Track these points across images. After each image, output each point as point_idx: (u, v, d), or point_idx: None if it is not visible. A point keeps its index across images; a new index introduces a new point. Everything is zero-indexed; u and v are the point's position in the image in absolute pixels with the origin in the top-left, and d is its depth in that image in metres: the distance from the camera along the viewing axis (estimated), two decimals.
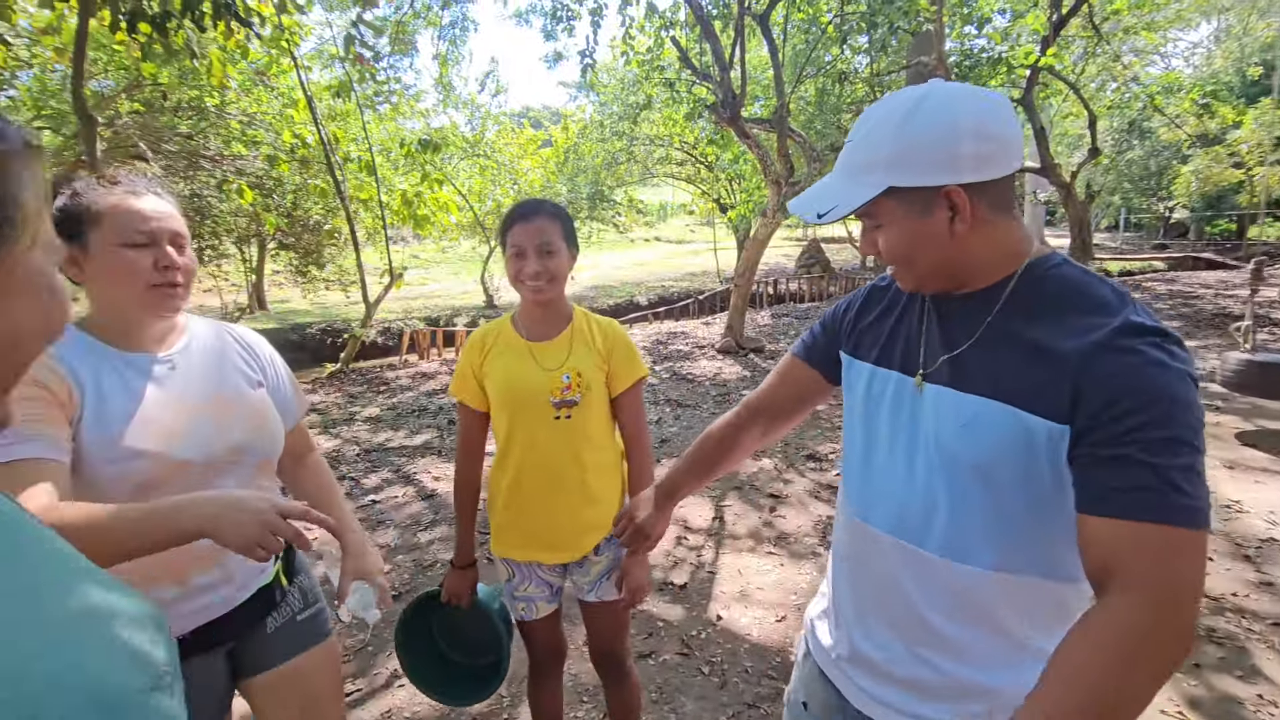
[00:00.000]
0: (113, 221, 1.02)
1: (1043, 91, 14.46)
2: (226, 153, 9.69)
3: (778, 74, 6.86)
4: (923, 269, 0.85)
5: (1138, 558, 0.68)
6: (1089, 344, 0.73)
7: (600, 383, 1.53)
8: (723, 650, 2.42)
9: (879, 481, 0.91)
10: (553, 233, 1.44)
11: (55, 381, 0.96)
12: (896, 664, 0.89)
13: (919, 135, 0.77)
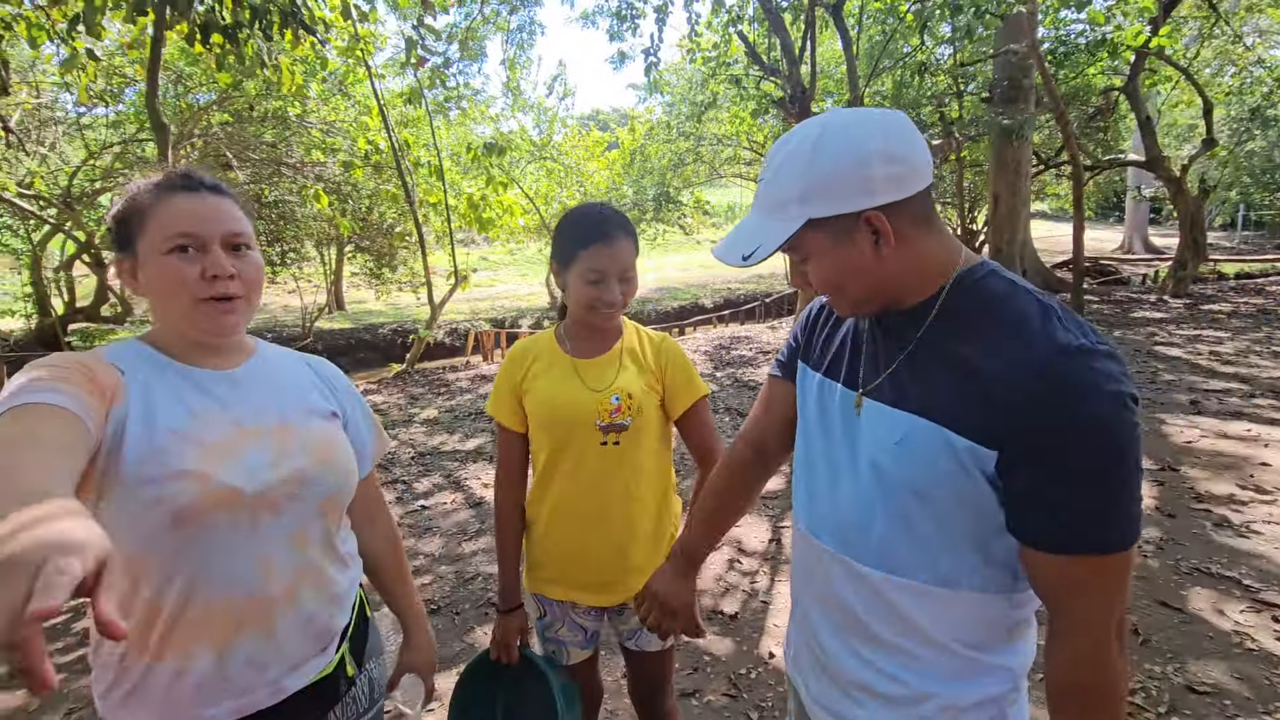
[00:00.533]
0: (157, 223, 0.87)
1: (1149, 78, 13.33)
2: (307, 160, 10.12)
3: (851, 67, 6.51)
4: (855, 295, 0.84)
5: (1078, 590, 0.73)
6: (1016, 367, 0.72)
7: (653, 405, 1.35)
8: (774, 694, 2.20)
9: (823, 495, 0.91)
10: (632, 254, 1.30)
11: (101, 367, 0.84)
12: (846, 672, 0.90)
13: (828, 165, 0.76)
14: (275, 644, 0.92)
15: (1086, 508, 0.70)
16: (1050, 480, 0.70)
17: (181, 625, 0.86)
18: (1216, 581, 2.66)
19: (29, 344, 10.50)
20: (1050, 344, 0.71)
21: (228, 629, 0.88)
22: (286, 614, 0.92)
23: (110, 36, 6.38)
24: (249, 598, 0.89)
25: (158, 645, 0.86)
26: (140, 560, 0.85)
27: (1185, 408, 4.96)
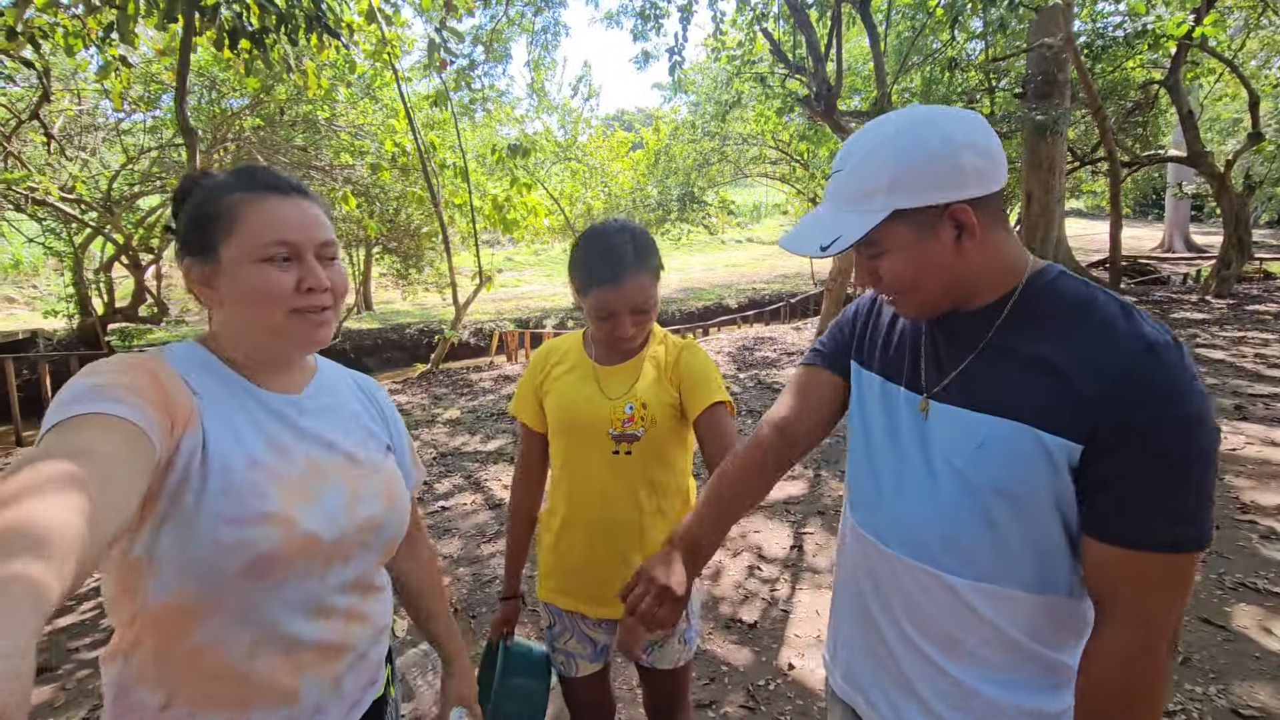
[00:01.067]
0: (248, 229, 0.80)
1: (1191, 72, 12.89)
2: (336, 163, 10.28)
3: (878, 63, 6.39)
4: (928, 293, 0.82)
5: (1134, 586, 0.72)
6: (1105, 365, 0.71)
7: (669, 417, 1.29)
8: (793, 707, 2.14)
9: (892, 501, 0.88)
10: (646, 287, 1.23)
11: (173, 383, 0.75)
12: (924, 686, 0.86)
13: (918, 154, 0.75)
14: (338, 688, 0.88)
15: (1165, 504, 0.70)
16: (1132, 474, 0.70)
17: (247, 678, 0.80)
18: (1263, 598, 2.53)
19: (71, 343, 10.84)
20: (1139, 342, 0.71)
21: (293, 679, 0.83)
22: (347, 658, 0.89)
23: (145, 44, 6.54)
24: (315, 645, 0.84)
25: (210, 696, 0.79)
26: (201, 605, 0.77)
27: (1230, 413, 4.76)
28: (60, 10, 4.24)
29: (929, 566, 0.83)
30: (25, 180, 8.39)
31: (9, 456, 6.28)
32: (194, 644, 0.77)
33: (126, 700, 0.78)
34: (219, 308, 0.84)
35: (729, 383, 6.86)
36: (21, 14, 3.91)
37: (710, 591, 2.86)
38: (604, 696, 1.49)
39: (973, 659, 0.82)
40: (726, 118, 11.25)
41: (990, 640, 0.81)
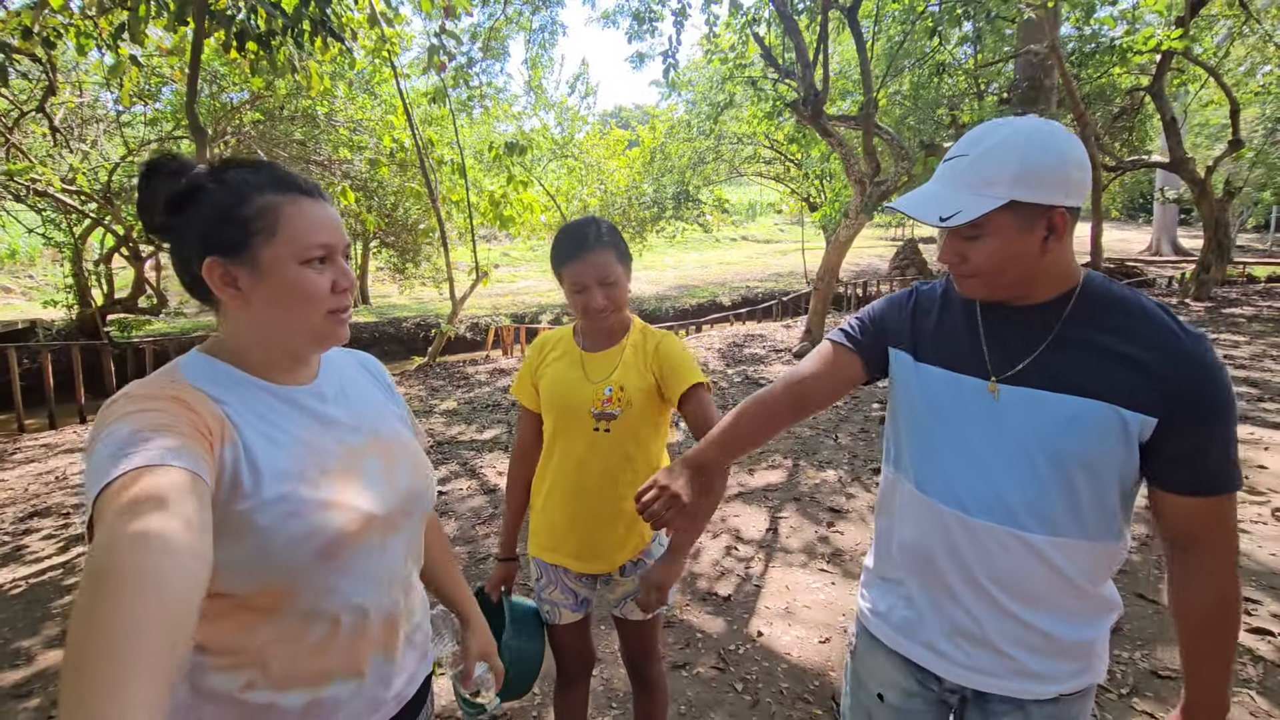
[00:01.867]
0: (292, 231, 0.81)
1: (1177, 78, 13.13)
2: (335, 157, 10.42)
3: (865, 69, 6.58)
4: (1007, 280, 0.94)
5: (1217, 525, 0.91)
6: (1175, 352, 0.88)
7: (643, 399, 1.48)
8: (759, 668, 2.35)
9: (968, 477, 0.99)
10: (610, 262, 1.43)
11: (207, 411, 0.76)
12: (1000, 631, 0.99)
13: (1043, 158, 0.87)
14: (397, 658, 0.93)
15: (1225, 458, 0.88)
16: (1204, 438, 0.88)
17: (324, 655, 0.84)
18: None
19: (70, 333, 10.95)
20: (1190, 335, 0.89)
21: (367, 650, 0.88)
22: (405, 628, 0.94)
23: (150, 42, 6.67)
24: (384, 617, 0.90)
25: (291, 675, 0.83)
26: (279, 593, 0.80)
27: None
28: (73, 12, 4.40)
29: (1012, 529, 0.95)
30: (28, 172, 8.51)
31: (15, 444, 6.43)
32: (278, 629, 0.81)
33: (204, 682, 0.80)
34: (242, 309, 0.83)
35: (718, 378, 7.06)
36: (38, 15, 4.06)
37: (690, 568, 3.07)
38: (584, 643, 1.68)
39: (1045, 603, 0.97)
40: (719, 118, 11.42)
41: (1060, 586, 0.95)
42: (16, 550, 3.56)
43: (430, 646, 1.05)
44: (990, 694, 1.01)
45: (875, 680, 1.13)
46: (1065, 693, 0.99)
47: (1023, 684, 0.99)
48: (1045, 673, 0.98)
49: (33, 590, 3.11)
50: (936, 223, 0.90)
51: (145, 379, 0.79)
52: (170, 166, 0.82)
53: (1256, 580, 2.70)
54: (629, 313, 1.57)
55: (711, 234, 22.83)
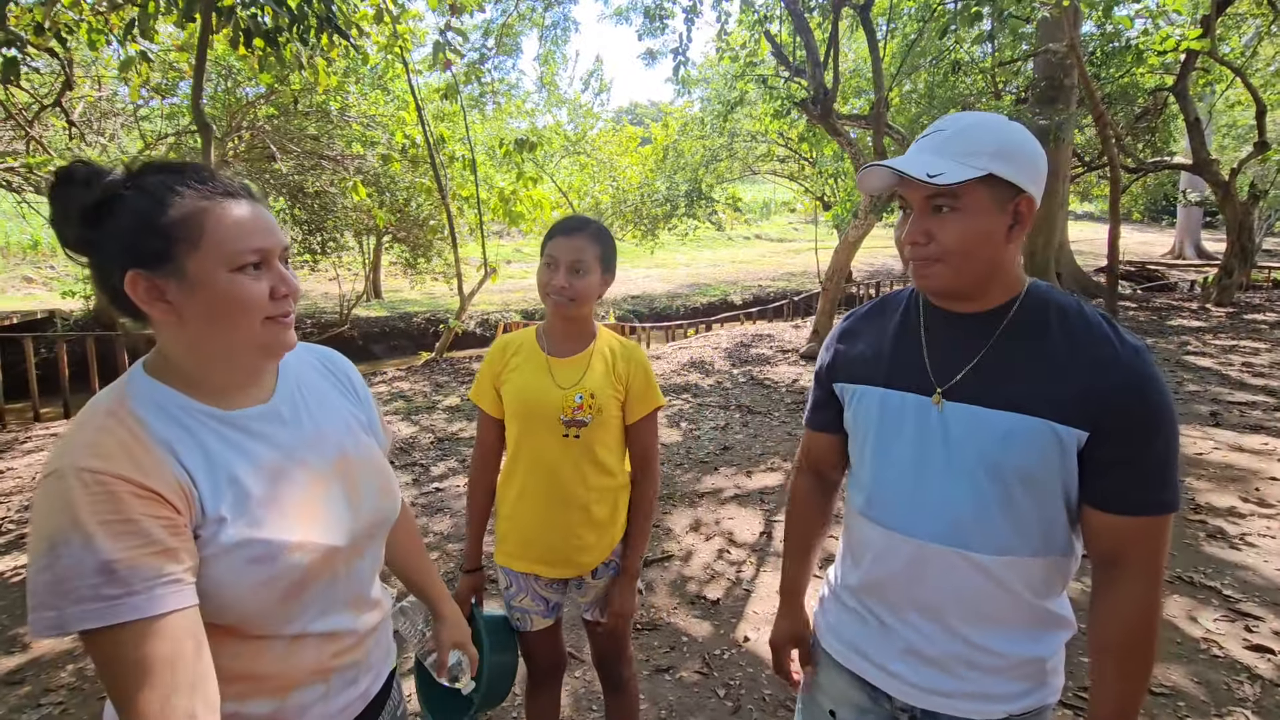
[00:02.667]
0: (218, 236, 0.76)
1: (1203, 78, 12.87)
2: (347, 153, 10.49)
3: (876, 67, 6.51)
4: (972, 268, 0.91)
5: (1142, 546, 0.89)
6: (1107, 365, 0.87)
7: (614, 408, 1.51)
8: (744, 674, 2.33)
9: (914, 496, 0.97)
10: (589, 253, 1.44)
11: (163, 479, 0.73)
12: (949, 651, 0.97)
13: (1019, 140, 0.89)
14: (368, 664, 0.96)
15: (1158, 477, 0.86)
16: (1132, 455, 0.86)
17: (286, 670, 0.85)
18: (1196, 590, 2.69)
19: (87, 324, 11.13)
20: (1127, 347, 0.87)
21: (333, 659, 0.89)
22: (370, 639, 0.96)
23: (163, 38, 6.75)
24: (346, 633, 0.91)
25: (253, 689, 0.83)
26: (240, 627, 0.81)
27: (1204, 419, 4.89)
28: (85, 7, 4.45)
29: (956, 548, 0.93)
30: (47, 164, 8.64)
31: (27, 432, 6.54)
32: (237, 653, 0.81)
33: None
34: (175, 325, 0.77)
35: (722, 378, 7.03)
36: (49, 11, 4.11)
37: (680, 571, 3.05)
38: (555, 647, 1.67)
39: (993, 622, 0.95)
40: (730, 116, 11.36)
41: (1009, 604, 0.94)
42: (20, 539, 3.62)
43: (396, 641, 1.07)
44: (940, 714, 0.99)
45: (828, 697, 1.12)
46: (1015, 713, 0.96)
47: (973, 704, 0.97)
48: (995, 693, 0.96)
49: None
50: (924, 178, 0.87)
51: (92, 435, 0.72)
52: (82, 174, 0.75)
53: (1260, 596, 2.63)
54: (596, 322, 1.57)
55: (724, 232, 22.72)
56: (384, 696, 1.01)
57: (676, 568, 3.08)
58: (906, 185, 0.92)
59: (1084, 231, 26.52)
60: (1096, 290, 12.09)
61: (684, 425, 5.42)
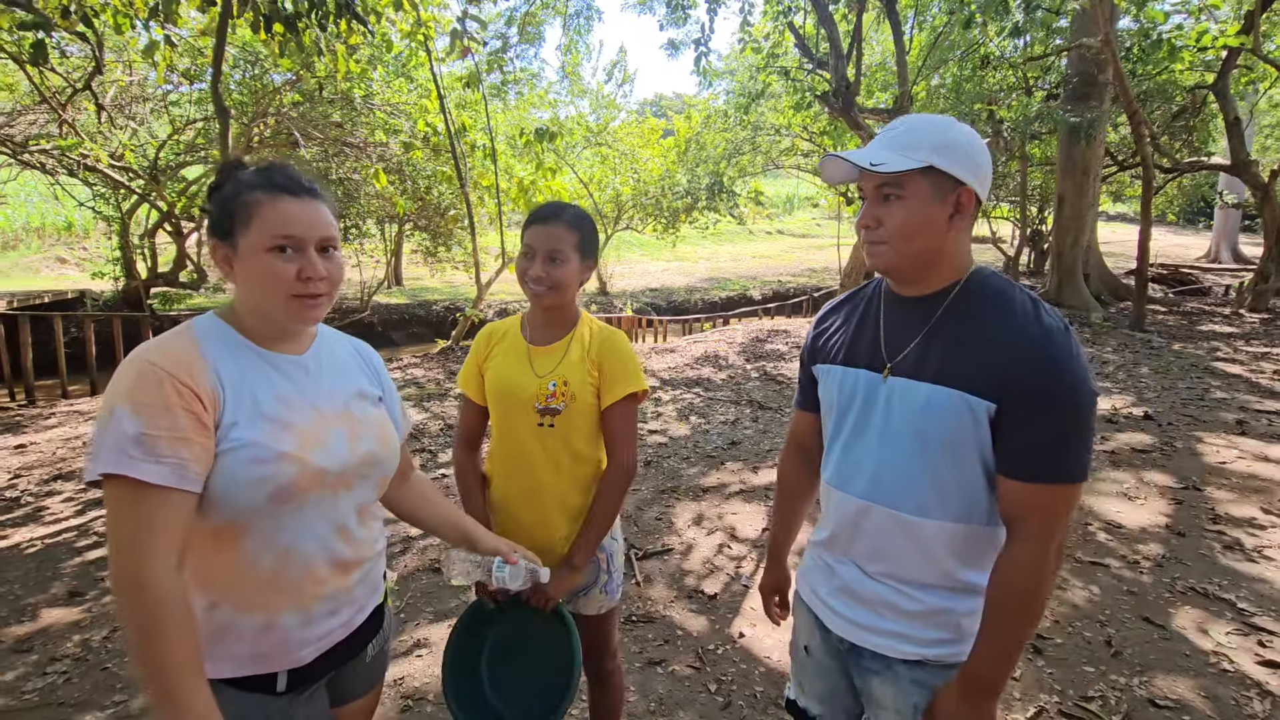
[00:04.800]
0: (261, 223, 0.96)
1: (1245, 75, 12.44)
2: (370, 140, 10.56)
3: (901, 61, 6.39)
4: (913, 250, 1.01)
5: (1037, 512, 0.96)
6: (1016, 342, 0.95)
7: (588, 395, 1.47)
8: (736, 670, 2.31)
9: (860, 461, 1.09)
10: (565, 241, 1.42)
11: (203, 383, 0.93)
12: (873, 592, 1.09)
13: (960, 138, 0.99)
14: (350, 596, 1.09)
15: (1057, 448, 0.94)
16: (1033, 425, 0.94)
17: (275, 585, 0.99)
18: (1209, 602, 2.61)
19: (116, 304, 11.38)
20: (1039, 327, 0.95)
21: (316, 587, 1.03)
22: (355, 572, 1.09)
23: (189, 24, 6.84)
24: (331, 560, 1.04)
25: (248, 601, 0.98)
26: (238, 527, 0.96)
27: (1230, 427, 4.75)
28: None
29: (885, 505, 1.05)
30: (78, 147, 8.83)
31: (52, 409, 6.71)
32: (235, 559, 0.97)
33: None
34: (235, 282, 1.00)
35: (735, 373, 6.99)
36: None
37: (679, 565, 3.03)
38: None
39: (911, 575, 1.06)
40: (751, 109, 11.23)
41: (927, 563, 1.04)
42: (37, 511, 3.71)
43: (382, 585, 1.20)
44: (862, 648, 1.11)
45: (801, 634, 1.27)
46: (930, 659, 1.06)
47: (890, 641, 1.08)
48: (908, 633, 1.06)
49: (46, 550, 3.24)
50: (868, 166, 0.98)
51: (166, 335, 0.96)
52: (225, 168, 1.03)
53: (1276, 611, 2.54)
54: (579, 308, 1.54)
55: (746, 226, 22.54)
56: (368, 630, 1.16)
57: (676, 561, 3.07)
58: (864, 176, 1.02)
59: (1117, 232, 25.87)
60: (1125, 292, 11.79)
61: (693, 419, 5.40)
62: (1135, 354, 7.40)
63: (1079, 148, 10.42)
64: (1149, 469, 4.00)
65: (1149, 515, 3.39)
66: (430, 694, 2.21)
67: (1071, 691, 2.14)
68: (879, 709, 1.11)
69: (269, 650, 1.01)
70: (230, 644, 0.98)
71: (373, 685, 1.23)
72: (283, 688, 1.03)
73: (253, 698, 1.00)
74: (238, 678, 0.99)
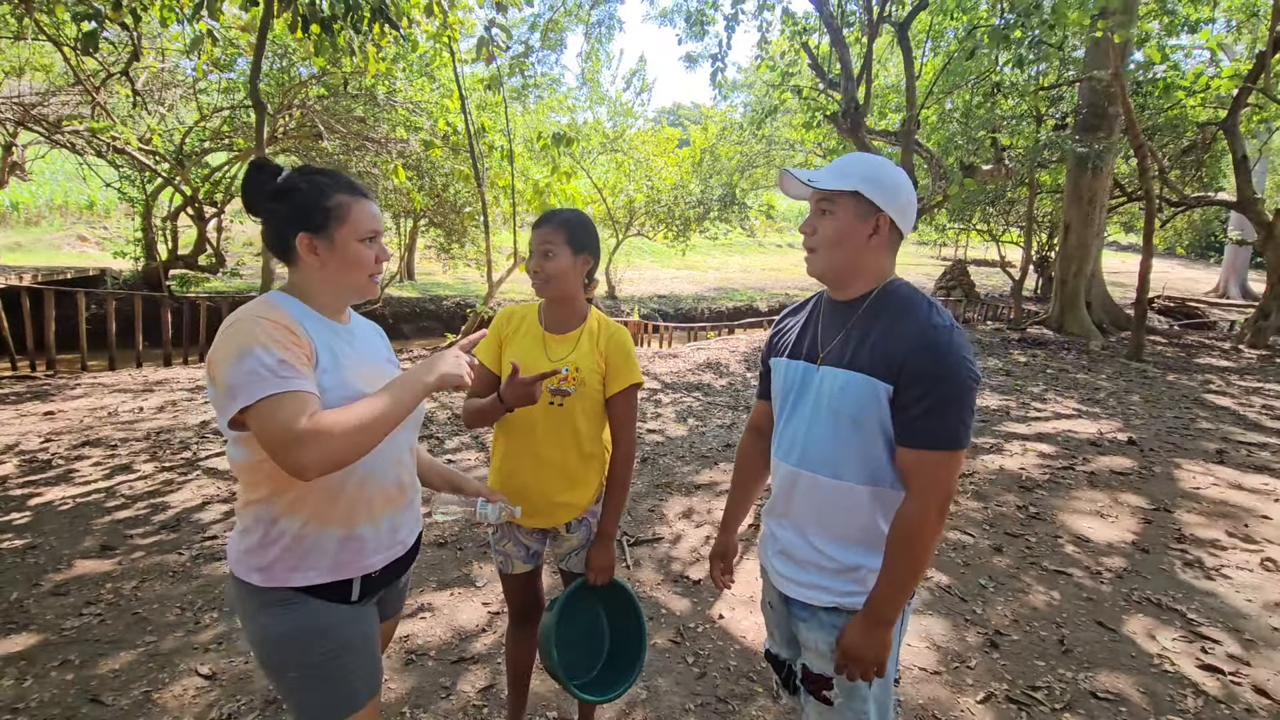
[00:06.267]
0: (356, 220, 1.21)
1: (1258, 114, 12.59)
2: (391, 136, 10.82)
3: (910, 85, 6.59)
4: (838, 258, 1.26)
5: (920, 472, 1.17)
6: (907, 334, 1.17)
7: (595, 381, 1.68)
8: (713, 646, 2.50)
9: (793, 434, 1.32)
10: (554, 239, 1.63)
11: (301, 334, 1.15)
12: (802, 553, 1.31)
13: (884, 174, 1.24)
14: (406, 515, 1.33)
15: (934, 418, 1.14)
16: (918, 402, 1.15)
17: (356, 503, 1.21)
18: (1162, 612, 2.78)
19: (136, 284, 11.65)
20: (927, 323, 1.18)
21: (384, 505, 1.26)
22: (407, 497, 1.33)
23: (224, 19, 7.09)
24: (396, 484, 1.29)
25: (334, 517, 1.19)
26: None
27: (1209, 456, 4.91)
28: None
29: (809, 471, 1.28)
30: (109, 129, 9.12)
31: (76, 380, 6.94)
32: (325, 483, 1.17)
33: (274, 529, 1.18)
34: (317, 268, 1.22)
35: (735, 380, 7.17)
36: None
37: (668, 553, 3.22)
38: (534, 592, 1.87)
39: (830, 532, 1.28)
40: (764, 125, 11.45)
41: (842, 519, 1.26)
42: (67, 473, 3.93)
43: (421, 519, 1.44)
44: (793, 599, 1.33)
45: (766, 593, 1.48)
46: (844, 606, 1.27)
47: (812, 593, 1.29)
48: (829, 586, 1.28)
49: (78, 508, 3.46)
50: (806, 180, 1.24)
51: (258, 303, 1.16)
52: (270, 168, 1.24)
53: (1223, 623, 2.71)
54: (588, 305, 1.74)
55: (756, 238, 22.75)
56: (414, 553, 1.40)
57: (665, 549, 3.26)
58: (814, 194, 1.27)
59: (1127, 263, 25.95)
60: (1126, 322, 11.92)
61: (690, 421, 5.59)
62: (1129, 382, 7.55)
63: (1086, 178, 10.59)
64: (1125, 490, 4.16)
65: (1118, 532, 3.56)
66: (431, 651, 2.41)
67: (1020, 681, 2.32)
68: (806, 650, 1.33)
69: (348, 559, 1.22)
70: (317, 556, 1.19)
71: (398, 610, 1.46)
72: (356, 596, 1.24)
73: (331, 606, 1.21)
74: (320, 585, 1.20)
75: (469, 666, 2.33)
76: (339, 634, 1.21)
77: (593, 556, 1.74)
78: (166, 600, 2.65)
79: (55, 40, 7.78)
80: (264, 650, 1.20)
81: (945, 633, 2.61)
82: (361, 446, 1.09)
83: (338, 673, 1.21)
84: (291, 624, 1.18)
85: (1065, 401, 6.55)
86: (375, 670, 1.29)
